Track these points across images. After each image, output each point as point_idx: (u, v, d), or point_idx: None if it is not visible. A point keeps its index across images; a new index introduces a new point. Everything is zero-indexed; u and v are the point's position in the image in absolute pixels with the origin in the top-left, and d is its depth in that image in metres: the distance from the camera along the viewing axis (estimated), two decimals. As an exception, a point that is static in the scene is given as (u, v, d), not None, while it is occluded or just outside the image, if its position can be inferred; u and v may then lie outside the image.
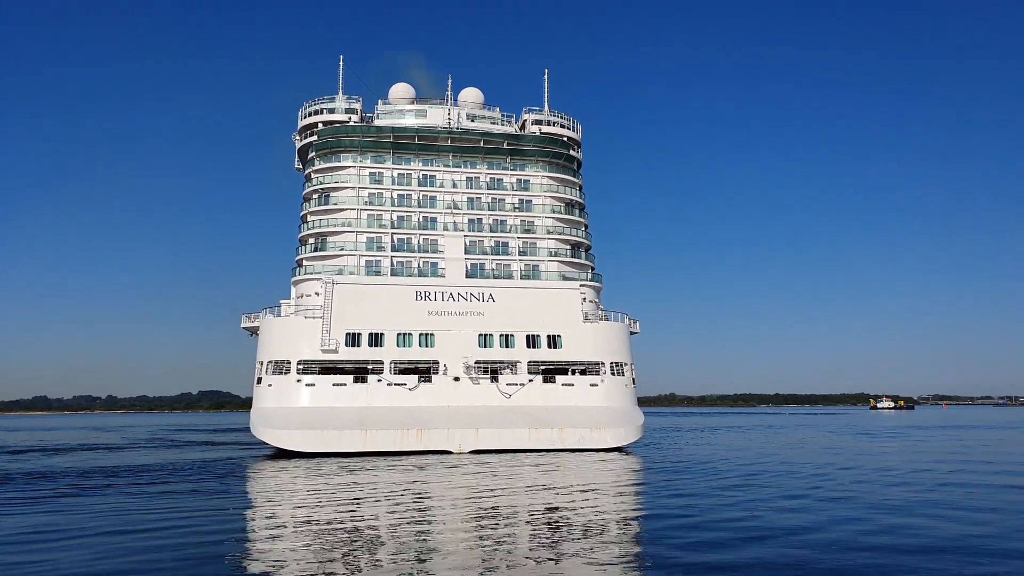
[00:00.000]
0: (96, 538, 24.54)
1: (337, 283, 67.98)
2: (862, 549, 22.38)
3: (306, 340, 65.42)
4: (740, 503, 32.40)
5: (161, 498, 34.81)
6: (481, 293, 70.49)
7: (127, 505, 32.45)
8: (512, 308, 70.25)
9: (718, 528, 26.00)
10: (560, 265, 75.79)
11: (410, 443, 59.43)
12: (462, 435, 60.38)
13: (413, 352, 66.99)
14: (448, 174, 77.56)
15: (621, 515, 29.79)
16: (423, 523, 27.31)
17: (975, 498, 34.17)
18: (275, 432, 59.06)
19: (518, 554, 21.75)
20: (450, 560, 20.82)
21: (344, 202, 74.97)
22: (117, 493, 36.78)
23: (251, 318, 75.28)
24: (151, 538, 24.53)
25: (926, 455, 61.78)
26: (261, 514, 30.48)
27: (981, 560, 20.99)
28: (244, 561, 21.07)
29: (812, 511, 30.16)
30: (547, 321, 70.57)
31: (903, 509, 30.75)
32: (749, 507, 31.02)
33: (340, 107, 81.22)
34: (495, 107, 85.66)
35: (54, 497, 35.29)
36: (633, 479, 43.10)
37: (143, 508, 31.54)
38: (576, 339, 70.46)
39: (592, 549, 22.32)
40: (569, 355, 69.94)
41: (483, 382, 66.90)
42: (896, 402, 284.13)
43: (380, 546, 22.97)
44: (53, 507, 32.03)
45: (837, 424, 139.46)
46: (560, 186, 79.93)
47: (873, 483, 40.15)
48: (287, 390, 63.80)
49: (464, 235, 74.67)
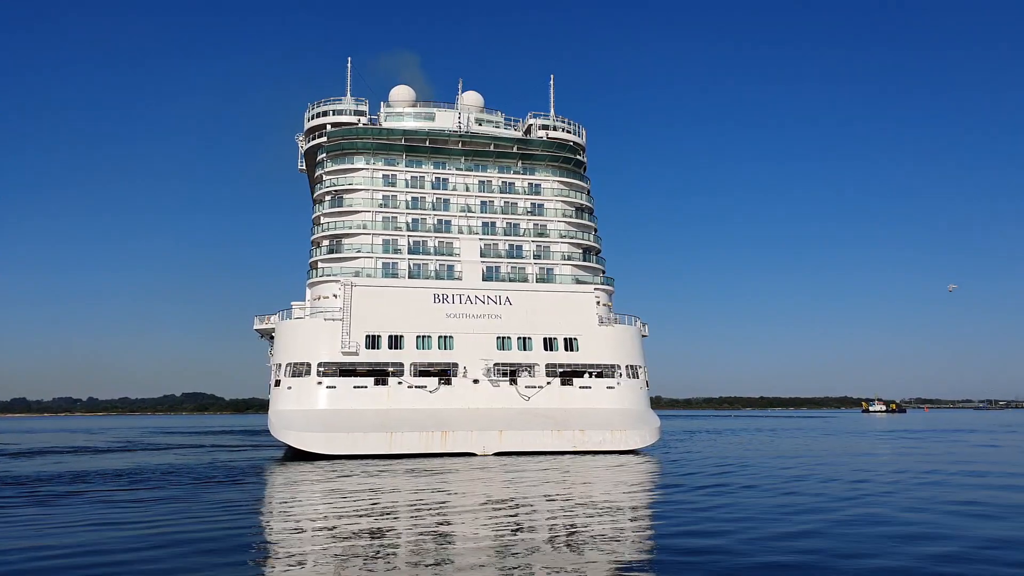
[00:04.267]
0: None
1: (356, 285, 67.96)
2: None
3: (325, 342, 65.34)
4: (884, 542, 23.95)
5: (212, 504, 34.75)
6: (498, 296, 70.78)
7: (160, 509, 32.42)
8: (529, 311, 70.62)
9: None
10: (574, 269, 76.26)
11: (434, 445, 59.61)
12: (486, 437, 60.67)
13: (433, 354, 67.11)
14: (460, 177, 77.88)
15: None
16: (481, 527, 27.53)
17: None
18: (298, 434, 58.93)
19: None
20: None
21: (358, 204, 74.96)
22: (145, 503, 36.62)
23: (265, 320, 75.12)
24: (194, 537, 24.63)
25: (994, 455, 61.99)
26: (313, 515, 30.51)
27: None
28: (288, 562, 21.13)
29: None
30: (563, 324, 70.99)
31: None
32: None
33: (348, 109, 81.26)
34: (496, 111, 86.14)
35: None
36: (667, 493, 39.35)
37: (184, 511, 31.53)
38: (592, 342, 70.92)
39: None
40: (586, 358, 70.36)
41: (502, 384, 67.17)
42: (888, 405, 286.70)
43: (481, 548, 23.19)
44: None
45: (841, 427, 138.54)
46: (570, 190, 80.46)
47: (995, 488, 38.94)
48: (307, 392, 63.67)
49: (479, 238, 74.94)
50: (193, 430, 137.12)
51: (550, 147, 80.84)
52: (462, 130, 79.93)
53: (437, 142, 78.34)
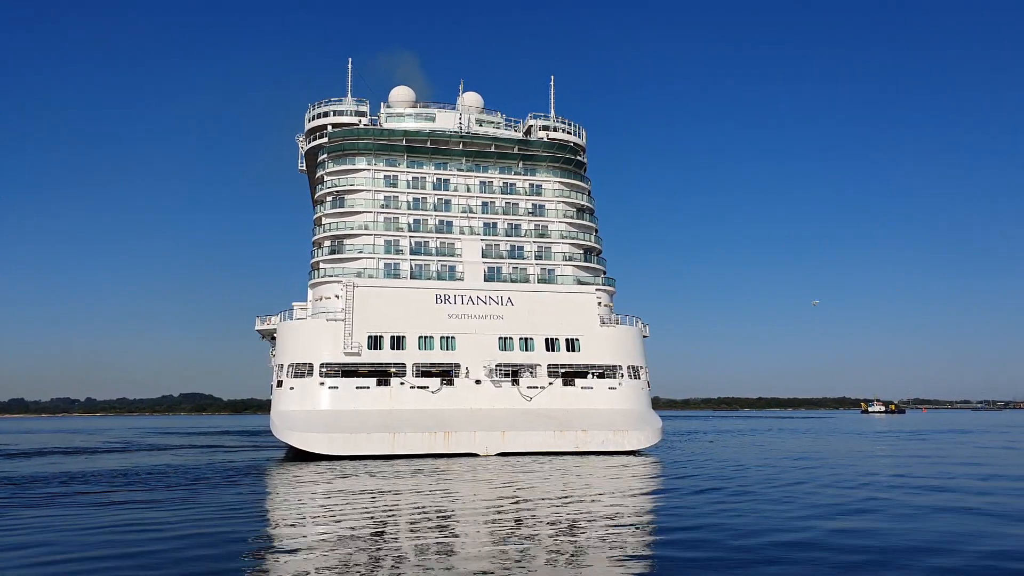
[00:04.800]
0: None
1: (358, 286, 68.00)
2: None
3: (328, 343, 65.37)
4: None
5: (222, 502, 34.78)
6: (500, 296, 70.85)
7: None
8: (531, 311, 70.70)
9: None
10: (575, 269, 76.37)
11: (437, 446, 59.67)
12: (489, 438, 60.75)
13: (435, 355, 67.17)
14: (461, 178, 77.99)
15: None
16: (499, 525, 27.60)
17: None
18: (301, 435, 58.94)
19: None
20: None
21: (360, 205, 75.02)
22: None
23: (266, 321, 75.14)
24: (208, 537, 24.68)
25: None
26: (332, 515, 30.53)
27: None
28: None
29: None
30: (565, 324, 71.07)
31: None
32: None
33: (349, 109, 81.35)
34: (495, 112, 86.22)
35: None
36: (672, 495, 40.73)
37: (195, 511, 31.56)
38: (594, 342, 71.00)
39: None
40: (587, 358, 70.44)
41: (504, 385, 67.22)
42: (887, 406, 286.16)
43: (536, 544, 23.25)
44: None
45: (845, 427, 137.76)
46: (570, 191, 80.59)
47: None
48: (310, 393, 63.69)
49: (481, 239, 75.03)
50: (192, 430, 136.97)
51: (551, 148, 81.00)
52: (463, 131, 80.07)
53: (438, 143, 78.44)
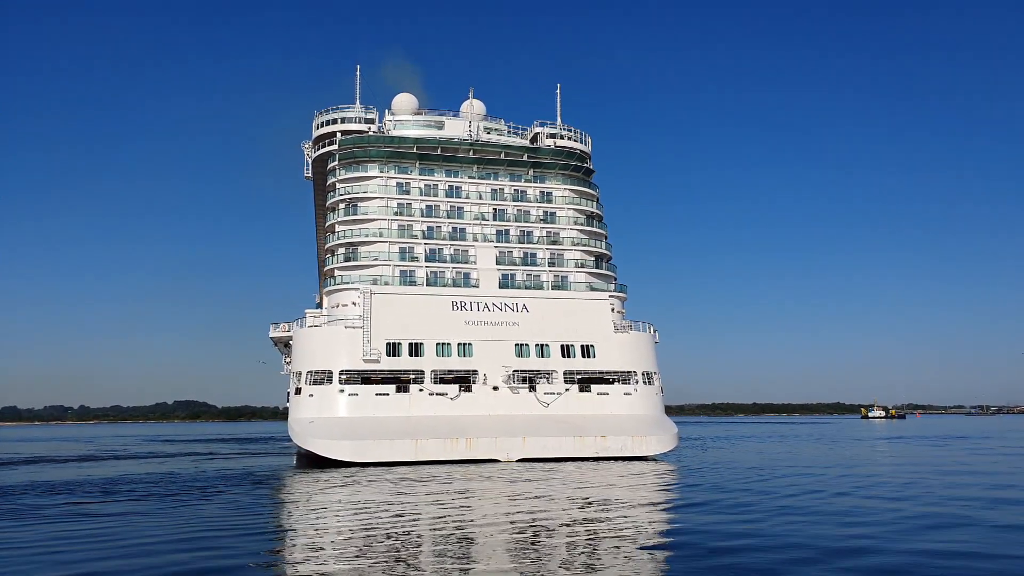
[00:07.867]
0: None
1: (375, 293, 68.29)
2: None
3: (346, 350, 65.60)
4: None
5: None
6: (515, 303, 71.31)
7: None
8: (546, 318, 71.17)
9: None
10: (587, 276, 76.86)
11: (459, 452, 59.92)
12: (509, 443, 61.05)
13: (452, 361, 67.51)
14: (473, 185, 78.37)
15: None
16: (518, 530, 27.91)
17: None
18: (324, 442, 59.06)
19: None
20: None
21: (373, 212, 75.27)
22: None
23: (281, 328, 75.25)
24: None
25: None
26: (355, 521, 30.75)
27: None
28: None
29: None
30: (580, 331, 71.56)
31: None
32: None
33: (358, 117, 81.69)
34: (498, 119, 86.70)
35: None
36: (694, 497, 41.78)
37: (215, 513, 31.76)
38: (608, 349, 71.50)
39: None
40: (602, 364, 70.92)
41: (522, 391, 67.64)
42: (887, 411, 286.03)
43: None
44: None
45: (851, 433, 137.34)
46: (580, 198, 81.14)
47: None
48: (329, 400, 63.92)
49: (495, 246, 75.48)
50: (188, 438, 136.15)
51: (558, 155, 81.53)
52: (473, 138, 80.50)
53: (448, 150, 78.89)
